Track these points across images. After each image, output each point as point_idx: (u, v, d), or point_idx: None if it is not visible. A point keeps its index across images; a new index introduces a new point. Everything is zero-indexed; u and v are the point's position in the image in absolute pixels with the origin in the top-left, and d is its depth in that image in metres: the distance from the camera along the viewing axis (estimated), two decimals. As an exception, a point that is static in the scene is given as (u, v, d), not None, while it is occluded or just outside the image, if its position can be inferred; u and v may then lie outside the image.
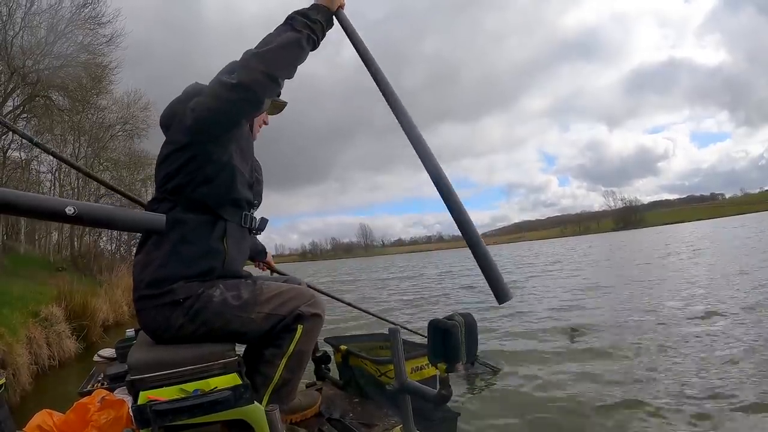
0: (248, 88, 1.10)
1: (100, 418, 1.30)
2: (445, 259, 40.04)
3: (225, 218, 1.25)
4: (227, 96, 1.12)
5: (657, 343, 4.34)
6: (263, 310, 1.21)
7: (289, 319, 1.22)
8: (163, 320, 1.18)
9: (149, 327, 1.23)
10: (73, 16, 12.46)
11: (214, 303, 1.18)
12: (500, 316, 6.53)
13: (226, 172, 1.23)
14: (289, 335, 1.23)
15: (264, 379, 1.23)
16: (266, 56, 1.11)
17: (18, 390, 4.35)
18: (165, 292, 1.17)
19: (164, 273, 1.18)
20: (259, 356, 1.25)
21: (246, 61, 1.13)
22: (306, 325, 1.24)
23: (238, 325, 1.20)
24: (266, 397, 1.23)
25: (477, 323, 0.91)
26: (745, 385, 3.06)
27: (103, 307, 8.12)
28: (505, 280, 0.85)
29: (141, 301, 1.20)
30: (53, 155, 2.24)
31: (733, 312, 5.27)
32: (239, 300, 1.20)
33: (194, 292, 1.18)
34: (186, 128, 1.20)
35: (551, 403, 3.20)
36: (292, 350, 1.22)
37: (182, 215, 1.21)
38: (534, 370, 4.01)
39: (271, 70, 1.10)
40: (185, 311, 1.17)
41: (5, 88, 11.98)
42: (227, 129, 1.20)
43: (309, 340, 1.26)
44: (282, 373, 1.23)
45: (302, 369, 1.30)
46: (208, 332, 1.19)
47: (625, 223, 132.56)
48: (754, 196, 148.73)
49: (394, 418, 1.46)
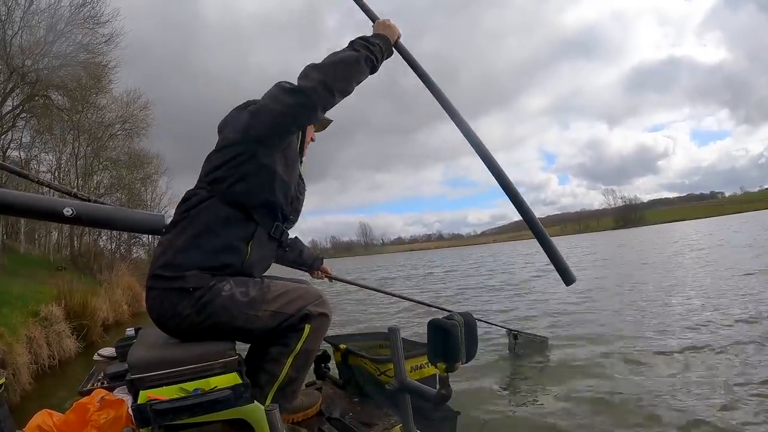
0: (305, 93, 1.18)
1: (100, 417, 1.30)
2: (446, 258, 40.05)
3: (256, 221, 1.26)
4: (285, 99, 1.19)
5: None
6: (270, 308, 1.22)
7: (296, 318, 1.24)
8: (170, 307, 1.18)
9: (155, 311, 1.22)
10: (72, 16, 12.45)
11: (223, 297, 1.18)
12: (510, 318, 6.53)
13: (265, 175, 1.25)
14: (296, 334, 1.24)
15: (269, 377, 1.24)
16: (324, 68, 1.21)
17: (18, 390, 4.36)
18: (176, 277, 1.18)
19: (181, 258, 1.19)
20: (265, 354, 1.25)
21: (306, 71, 1.21)
22: (313, 324, 1.25)
23: (243, 321, 1.20)
24: (270, 395, 1.23)
25: (476, 323, 0.91)
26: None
27: (103, 306, 8.13)
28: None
29: (153, 280, 1.21)
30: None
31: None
32: (247, 297, 1.21)
33: (205, 283, 1.18)
34: (240, 126, 1.26)
35: (551, 403, 3.20)
36: (300, 349, 1.24)
37: (215, 205, 1.23)
38: (535, 371, 4.02)
39: (328, 81, 1.19)
40: (193, 302, 1.17)
41: (4, 87, 11.96)
42: (279, 134, 1.25)
43: (316, 339, 1.28)
44: (288, 372, 1.24)
45: (307, 368, 1.32)
46: (212, 326, 1.19)
47: (625, 221, 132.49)
48: (753, 194, 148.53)
49: (393, 417, 1.47)
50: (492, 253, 39.65)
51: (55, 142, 16.06)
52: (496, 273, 15.59)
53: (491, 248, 66.16)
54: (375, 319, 7.49)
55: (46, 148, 16.37)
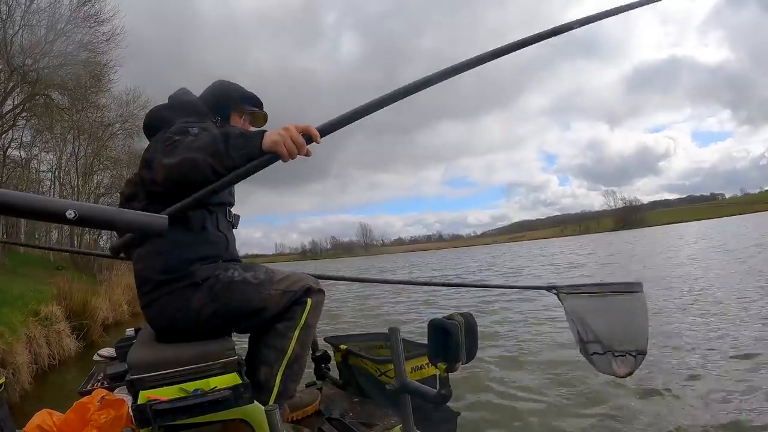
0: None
1: (100, 417, 1.30)
2: (444, 259, 40.03)
3: (215, 211, 1.33)
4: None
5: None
6: (280, 287, 1.29)
7: (300, 292, 1.32)
8: (184, 305, 1.21)
9: (167, 316, 1.23)
10: (72, 14, 12.46)
11: (236, 282, 1.24)
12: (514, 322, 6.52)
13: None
14: (300, 307, 1.31)
15: (278, 354, 1.29)
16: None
17: (18, 389, 4.36)
18: (185, 275, 1.22)
19: (178, 258, 1.23)
20: (273, 331, 1.31)
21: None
22: (314, 299, 1.33)
23: (258, 301, 1.26)
24: (281, 372, 1.28)
25: (477, 323, 0.91)
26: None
27: (103, 306, 8.13)
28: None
29: (157, 289, 1.22)
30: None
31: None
32: (258, 279, 1.27)
33: (211, 273, 1.24)
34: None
35: (552, 403, 3.20)
36: (303, 321, 1.31)
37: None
38: (537, 370, 4.02)
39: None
40: (206, 291, 1.22)
41: (5, 86, 11.97)
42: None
43: (316, 314, 1.35)
44: (295, 347, 1.30)
45: (309, 345, 1.38)
46: (227, 312, 1.24)
47: (625, 223, 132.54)
48: (754, 196, 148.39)
49: (393, 417, 1.47)
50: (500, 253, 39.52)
51: (55, 141, 16.09)
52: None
53: (490, 249, 66.11)
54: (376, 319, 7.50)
55: (47, 148, 16.42)
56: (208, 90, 1.52)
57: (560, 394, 3.34)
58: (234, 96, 1.50)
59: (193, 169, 1.08)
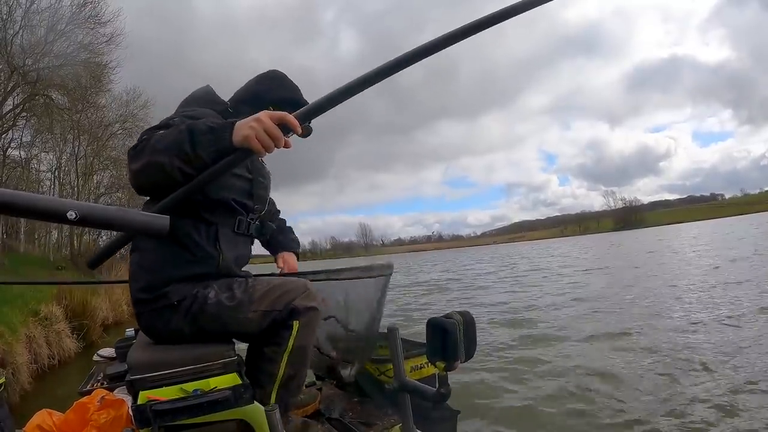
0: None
1: (100, 417, 1.31)
2: (444, 259, 39.97)
3: (215, 222, 1.22)
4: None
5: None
6: (259, 307, 1.18)
7: (284, 313, 1.19)
8: (163, 324, 1.18)
9: (151, 333, 1.23)
10: (73, 15, 12.49)
11: (210, 305, 1.16)
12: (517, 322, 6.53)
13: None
14: (287, 332, 1.19)
15: (269, 377, 1.21)
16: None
17: (18, 389, 4.36)
18: (159, 296, 1.16)
19: (156, 277, 1.17)
20: (261, 355, 1.23)
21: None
22: (302, 320, 1.19)
23: (236, 326, 1.19)
24: (273, 393, 1.22)
25: (475, 321, 0.91)
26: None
27: (102, 306, 8.14)
28: None
29: (138, 306, 1.20)
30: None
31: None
32: (233, 300, 1.17)
33: (188, 293, 1.16)
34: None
35: (552, 403, 3.20)
36: (292, 346, 1.19)
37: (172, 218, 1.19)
38: (537, 369, 4.02)
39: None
40: (183, 314, 1.16)
41: (5, 86, 11.98)
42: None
43: (308, 334, 1.22)
44: (285, 370, 1.20)
45: (306, 363, 1.27)
46: (207, 334, 1.19)
47: (625, 223, 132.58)
48: (754, 196, 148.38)
49: (393, 417, 1.47)
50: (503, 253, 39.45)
51: (55, 141, 16.08)
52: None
53: (489, 249, 66.03)
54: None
55: (47, 148, 16.40)
56: (255, 78, 1.43)
57: (560, 394, 3.33)
58: (264, 97, 1.38)
59: (159, 173, 1.00)
